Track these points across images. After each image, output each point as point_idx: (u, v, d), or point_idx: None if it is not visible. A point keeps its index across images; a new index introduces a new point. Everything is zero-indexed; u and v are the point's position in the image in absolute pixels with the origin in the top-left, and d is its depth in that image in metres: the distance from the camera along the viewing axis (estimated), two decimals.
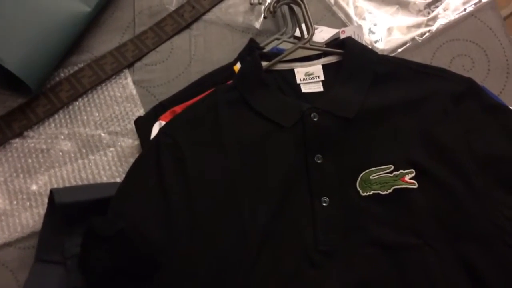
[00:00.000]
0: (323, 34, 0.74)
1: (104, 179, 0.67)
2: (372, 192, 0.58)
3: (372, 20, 0.79)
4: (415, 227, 0.55)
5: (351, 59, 0.64)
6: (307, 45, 0.67)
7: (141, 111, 0.73)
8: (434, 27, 0.79)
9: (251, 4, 0.81)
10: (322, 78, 0.65)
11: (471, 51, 0.78)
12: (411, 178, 0.58)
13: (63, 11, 0.72)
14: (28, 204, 0.65)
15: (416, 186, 0.57)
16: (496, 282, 0.52)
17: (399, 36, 0.78)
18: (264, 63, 0.65)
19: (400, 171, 0.58)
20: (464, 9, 0.80)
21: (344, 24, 0.80)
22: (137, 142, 0.71)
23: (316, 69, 0.66)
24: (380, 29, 0.78)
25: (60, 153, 0.69)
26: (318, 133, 0.60)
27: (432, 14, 0.80)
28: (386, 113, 0.61)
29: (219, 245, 0.55)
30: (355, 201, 0.57)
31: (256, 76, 0.63)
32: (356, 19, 0.80)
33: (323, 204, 0.57)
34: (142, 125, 0.68)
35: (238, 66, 0.72)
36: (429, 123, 0.60)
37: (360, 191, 0.58)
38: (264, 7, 0.81)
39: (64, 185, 0.66)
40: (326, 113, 0.60)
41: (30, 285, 0.60)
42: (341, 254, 0.55)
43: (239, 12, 0.82)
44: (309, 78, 0.66)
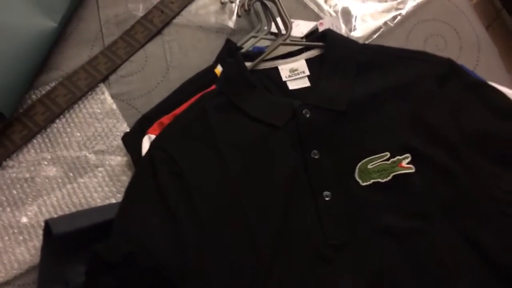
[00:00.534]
0: (300, 28, 0.73)
1: (98, 201, 0.64)
2: (371, 181, 0.58)
3: (345, 9, 0.79)
4: (418, 210, 0.56)
5: (334, 51, 0.65)
6: (287, 41, 0.67)
7: (124, 126, 0.71)
8: (404, 10, 0.80)
9: (221, 3, 0.80)
10: (307, 73, 0.65)
11: (442, 31, 0.80)
12: (408, 163, 0.59)
13: (29, 29, 0.68)
14: (21, 238, 0.62)
15: (413, 170, 0.58)
16: (500, 252, 0.54)
17: (372, 23, 0.78)
18: (247, 64, 0.64)
19: (397, 157, 0.59)
20: None
21: (317, 16, 0.80)
22: (126, 159, 0.68)
23: (300, 64, 0.66)
24: (353, 18, 0.78)
25: (46, 180, 0.66)
26: (312, 129, 0.60)
27: None
28: (375, 101, 0.62)
29: (231, 255, 0.54)
30: (356, 192, 0.58)
31: (242, 78, 0.63)
32: (328, 9, 0.80)
33: (326, 199, 0.57)
34: (130, 141, 0.66)
35: (219, 69, 0.70)
36: (417, 106, 0.61)
37: (359, 181, 0.58)
38: (235, 5, 0.80)
39: (56, 213, 0.63)
40: (317, 108, 0.60)
41: None
42: (351, 247, 0.55)
43: (210, 12, 0.80)
44: (294, 74, 0.66)
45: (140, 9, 0.81)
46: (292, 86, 0.65)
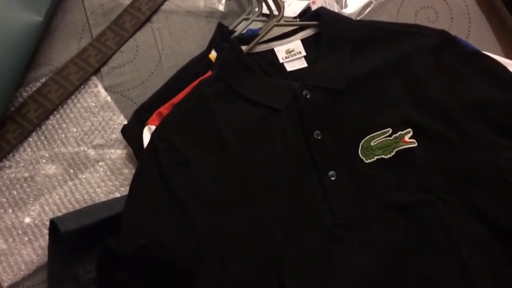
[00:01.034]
0: (292, 7, 0.72)
1: (102, 197, 0.64)
2: (375, 158, 0.58)
3: None
4: (423, 184, 0.57)
5: (329, 29, 0.64)
6: (281, 21, 0.66)
7: (121, 118, 0.70)
8: None
9: None
10: (304, 53, 0.65)
11: (432, 2, 0.79)
12: (410, 138, 0.59)
13: (14, 25, 0.66)
14: (26, 238, 0.61)
15: (416, 145, 0.58)
16: (508, 221, 0.55)
17: None
18: (242, 47, 0.63)
19: (399, 132, 0.59)
20: None
21: None
22: (126, 152, 0.67)
23: (295, 45, 0.65)
24: None
25: (46, 178, 0.64)
26: (313, 109, 0.60)
27: None
28: (373, 78, 0.61)
29: (244, 239, 0.54)
30: (361, 169, 0.58)
31: (239, 63, 0.62)
32: None
33: (331, 178, 0.57)
34: (130, 133, 0.64)
35: (214, 54, 0.69)
36: (415, 80, 0.61)
37: (363, 159, 0.59)
38: None
39: (60, 211, 0.62)
40: (317, 88, 0.60)
41: None
42: (360, 224, 0.56)
43: None
44: (291, 55, 0.65)
45: None
46: (289, 67, 0.64)
